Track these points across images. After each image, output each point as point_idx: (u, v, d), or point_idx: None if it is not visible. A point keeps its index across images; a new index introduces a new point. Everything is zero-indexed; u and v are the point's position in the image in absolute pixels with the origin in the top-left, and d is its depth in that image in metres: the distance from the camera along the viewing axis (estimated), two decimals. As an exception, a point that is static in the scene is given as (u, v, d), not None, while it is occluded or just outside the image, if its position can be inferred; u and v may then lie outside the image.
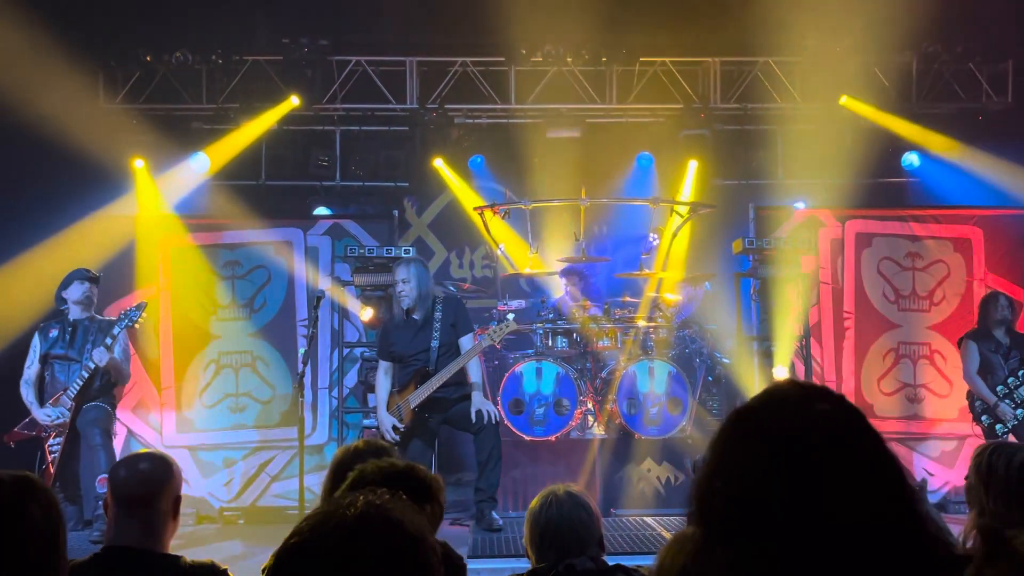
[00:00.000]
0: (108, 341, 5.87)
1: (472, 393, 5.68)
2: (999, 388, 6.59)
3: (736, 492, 1.19)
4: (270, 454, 7.78)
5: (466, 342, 5.75)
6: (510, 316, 6.31)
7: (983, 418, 6.68)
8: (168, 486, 2.52)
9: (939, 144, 8.48)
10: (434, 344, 5.66)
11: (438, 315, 5.70)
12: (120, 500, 2.47)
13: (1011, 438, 6.51)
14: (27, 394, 6.07)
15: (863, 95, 8.43)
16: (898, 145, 8.51)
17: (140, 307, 6.01)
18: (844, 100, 8.40)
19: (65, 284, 6.23)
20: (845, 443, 1.19)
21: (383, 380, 5.89)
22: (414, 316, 5.74)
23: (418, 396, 5.65)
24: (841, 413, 1.23)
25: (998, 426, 6.57)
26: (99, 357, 5.84)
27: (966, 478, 2.71)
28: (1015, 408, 6.54)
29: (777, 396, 1.26)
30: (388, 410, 5.75)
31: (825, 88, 8.43)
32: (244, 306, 7.93)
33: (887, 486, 1.19)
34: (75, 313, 6.15)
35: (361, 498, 1.27)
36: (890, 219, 8.22)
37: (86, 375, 5.91)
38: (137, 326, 6.06)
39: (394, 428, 5.68)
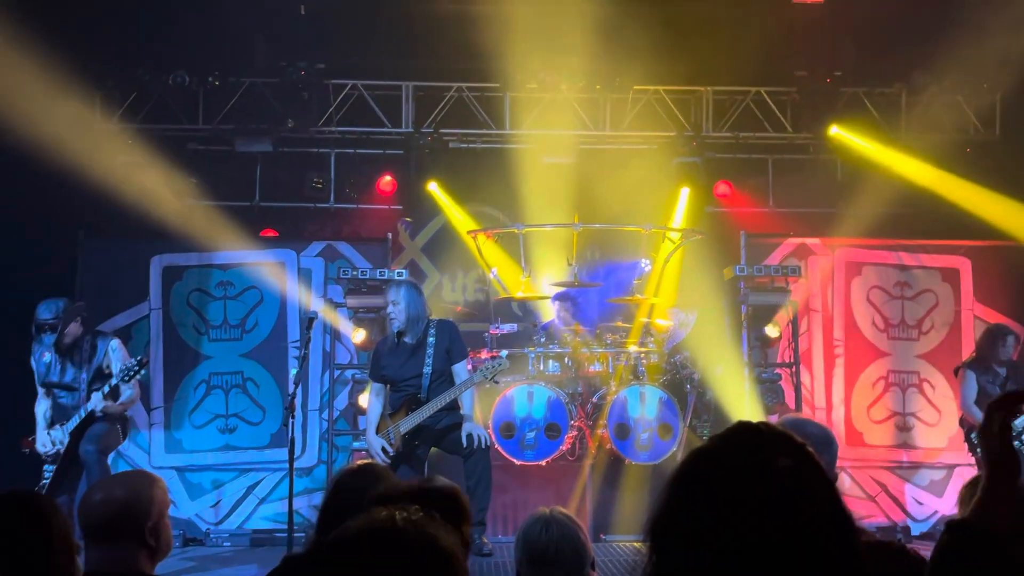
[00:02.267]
0: (106, 390, 5.83)
1: (464, 422, 5.67)
2: None
3: (690, 535, 1.20)
4: (259, 476, 7.75)
5: (460, 369, 5.73)
6: (504, 354, 6.26)
7: (979, 450, 6.68)
8: (148, 510, 2.42)
9: (927, 175, 8.58)
10: (426, 370, 5.64)
11: (431, 340, 5.67)
12: (95, 526, 2.38)
13: None
14: (37, 410, 6.12)
15: (853, 126, 8.54)
16: (887, 175, 8.61)
17: (141, 363, 5.88)
18: (834, 130, 8.51)
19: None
20: (802, 504, 1.20)
21: (374, 402, 5.88)
22: (406, 339, 5.72)
23: (409, 423, 5.62)
24: (801, 471, 1.22)
25: None
26: (94, 403, 5.83)
27: (958, 506, 2.73)
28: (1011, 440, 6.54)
29: (740, 443, 1.26)
30: (378, 432, 5.73)
31: (815, 118, 8.54)
32: (236, 327, 7.93)
33: (838, 550, 1.20)
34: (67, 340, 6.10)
35: (397, 514, 1.29)
36: (879, 248, 8.29)
37: (83, 414, 5.88)
38: (132, 382, 5.98)
39: (383, 450, 5.66)
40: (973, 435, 6.70)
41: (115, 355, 6.07)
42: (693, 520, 1.21)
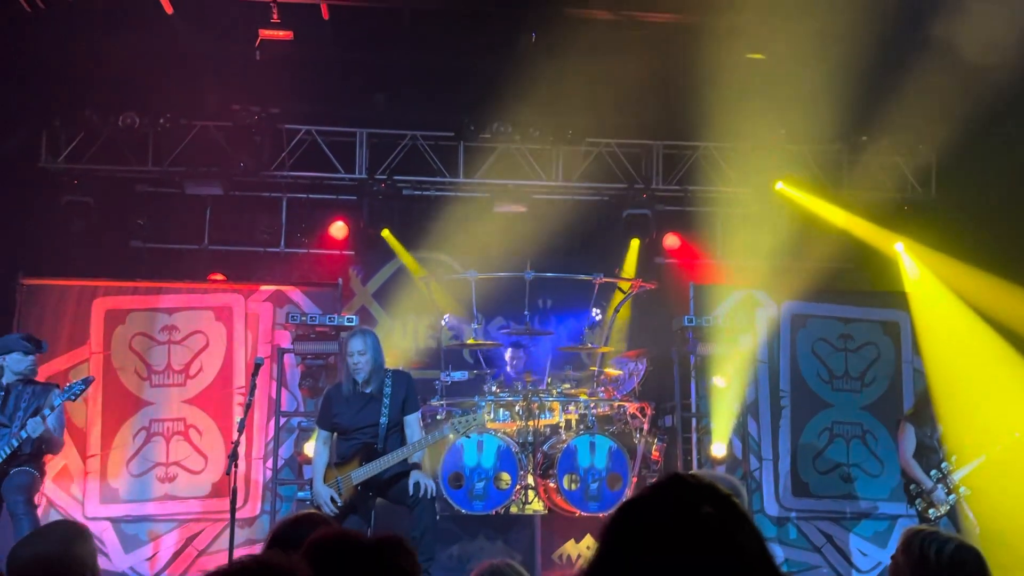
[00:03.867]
0: (46, 412, 5.63)
1: (411, 471, 5.57)
2: (933, 472, 6.70)
3: None
4: (199, 527, 7.50)
5: (412, 421, 5.63)
6: (480, 410, 6.06)
7: (917, 501, 6.76)
8: (83, 565, 2.35)
9: (867, 231, 8.87)
10: (383, 420, 5.52)
11: (387, 390, 5.57)
12: None
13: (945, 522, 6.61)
14: None
15: (797, 182, 8.80)
16: (830, 230, 8.87)
17: (87, 381, 5.72)
18: (779, 186, 8.76)
19: (5, 349, 5.95)
20: (726, 550, 1.23)
21: (321, 450, 5.71)
22: (363, 389, 5.62)
23: (363, 474, 5.46)
24: (726, 517, 1.27)
25: (931, 510, 6.67)
26: (33, 427, 5.59)
27: (892, 557, 2.78)
28: (948, 494, 6.64)
29: (666, 493, 1.31)
30: (325, 482, 5.59)
31: (761, 174, 8.79)
32: (180, 372, 7.74)
33: None
34: (8, 377, 5.90)
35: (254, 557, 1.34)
36: (824, 301, 8.49)
37: (16, 444, 5.65)
38: (80, 401, 5.80)
39: (331, 501, 5.52)
40: (912, 487, 6.79)
41: (59, 410, 5.87)
42: (622, 568, 1.22)
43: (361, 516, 5.62)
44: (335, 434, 5.71)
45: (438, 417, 7.00)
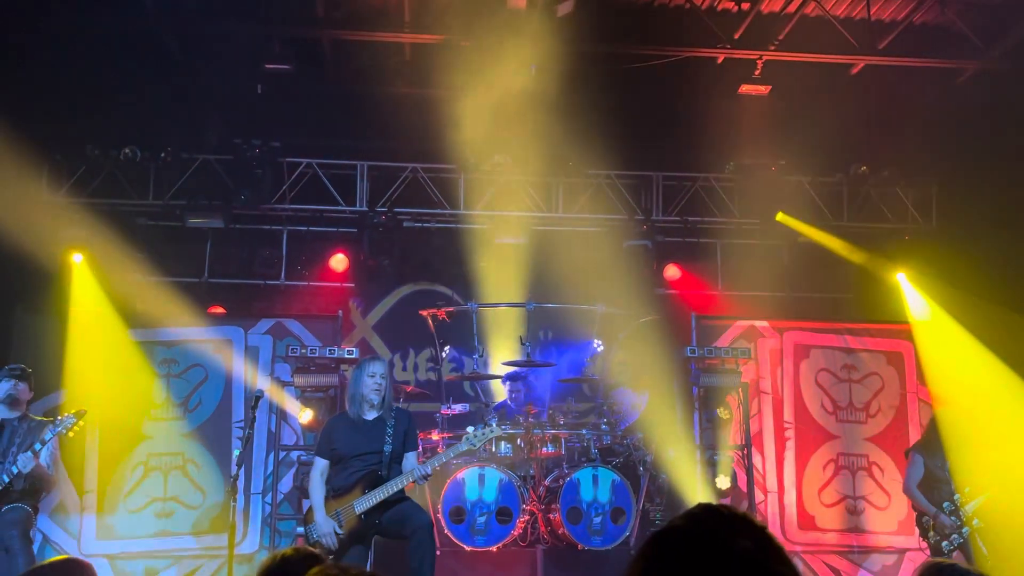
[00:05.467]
0: (37, 446, 5.58)
1: (405, 500, 5.47)
2: (945, 504, 6.57)
3: None
4: (196, 564, 7.39)
5: (412, 457, 5.56)
6: (494, 422, 5.94)
7: (930, 534, 6.62)
8: None
9: (869, 261, 8.86)
10: (387, 448, 5.44)
11: (392, 421, 5.53)
12: None
13: (957, 555, 6.47)
14: None
15: (798, 212, 8.81)
16: (832, 260, 8.86)
17: (79, 414, 5.70)
18: (780, 216, 8.76)
19: None
20: None
21: (318, 481, 5.57)
22: (365, 417, 5.54)
23: (367, 502, 5.35)
24: (762, 551, 1.23)
25: (944, 543, 6.53)
26: (23, 463, 5.54)
27: None
28: (962, 526, 6.50)
29: (700, 525, 1.27)
30: (327, 514, 5.47)
31: (762, 205, 8.80)
32: (179, 406, 7.68)
33: None
34: (2, 412, 5.85)
35: None
36: (826, 331, 8.45)
37: (7, 479, 5.59)
38: (71, 434, 5.73)
39: (334, 533, 5.40)
40: (924, 519, 6.67)
41: (49, 445, 5.81)
42: None
43: (364, 546, 5.51)
44: (332, 465, 5.61)
45: (438, 451, 6.91)
